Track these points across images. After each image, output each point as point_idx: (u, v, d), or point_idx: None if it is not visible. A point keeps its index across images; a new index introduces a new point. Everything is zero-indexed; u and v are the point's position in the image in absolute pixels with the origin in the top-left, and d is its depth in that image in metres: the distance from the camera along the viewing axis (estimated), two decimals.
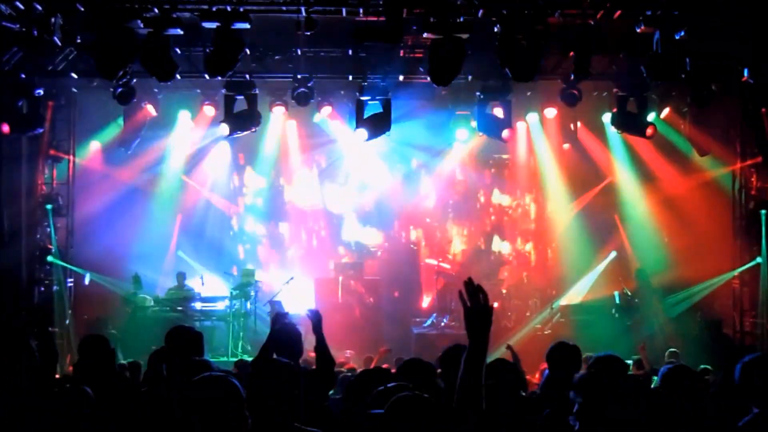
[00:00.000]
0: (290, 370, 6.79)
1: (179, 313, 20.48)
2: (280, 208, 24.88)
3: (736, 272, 21.17)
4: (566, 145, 23.10)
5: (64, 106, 20.61)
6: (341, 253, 24.47)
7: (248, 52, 16.68)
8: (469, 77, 18.85)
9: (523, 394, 8.19)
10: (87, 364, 8.27)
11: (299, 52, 18.30)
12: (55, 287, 20.65)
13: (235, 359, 17.18)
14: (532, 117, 22.10)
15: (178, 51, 17.04)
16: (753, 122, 19.14)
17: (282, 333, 8.79)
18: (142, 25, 15.07)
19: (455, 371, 5.44)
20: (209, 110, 20.58)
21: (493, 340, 5.61)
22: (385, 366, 13.06)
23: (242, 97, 18.94)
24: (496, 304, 21.63)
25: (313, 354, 9.11)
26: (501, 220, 24.74)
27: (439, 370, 7.58)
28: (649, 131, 19.32)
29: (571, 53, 16.03)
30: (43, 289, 20.54)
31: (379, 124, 19.02)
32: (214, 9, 15.13)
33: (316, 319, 8.90)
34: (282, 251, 24.67)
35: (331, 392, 9.22)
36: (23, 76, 18.03)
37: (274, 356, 8.11)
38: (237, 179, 24.65)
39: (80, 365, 8.50)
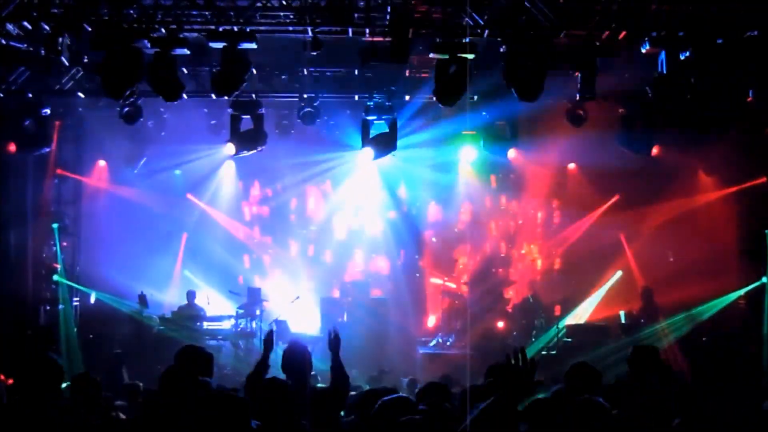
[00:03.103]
0: (286, 390, 6.83)
1: (185, 332, 20.45)
2: (285, 218, 24.93)
3: (741, 292, 21.14)
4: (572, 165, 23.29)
5: (70, 126, 20.70)
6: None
7: (255, 72, 16.75)
8: (475, 97, 18.88)
9: None
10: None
11: (305, 72, 18.38)
12: (60, 306, 20.67)
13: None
14: None
15: (185, 71, 17.11)
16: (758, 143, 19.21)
17: (290, 353, 8.81)
18: (149, 45, 15.13)
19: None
20: (217, 130, 20.63)
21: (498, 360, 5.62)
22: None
23: (249, 116, 19.01)
24: (501, 324, 21.67)
25: None
26: (507, 225, 24.72)
27: None
28: (654, 151, 19.36)
29: (577, 73, 16.07)
30: (48, 307, 20.58)
31: (384, 144, 19.07)
32: (220, 29, 15.20)
33: (334, 337, 8.90)
34: (288, 263, 24.67)
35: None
36: (30, 95, 18.10)
37: (274, 375, 8.14)
38: (242, 188, 24.65)
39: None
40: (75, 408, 7.98)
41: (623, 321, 21.12)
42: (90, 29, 15.24)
